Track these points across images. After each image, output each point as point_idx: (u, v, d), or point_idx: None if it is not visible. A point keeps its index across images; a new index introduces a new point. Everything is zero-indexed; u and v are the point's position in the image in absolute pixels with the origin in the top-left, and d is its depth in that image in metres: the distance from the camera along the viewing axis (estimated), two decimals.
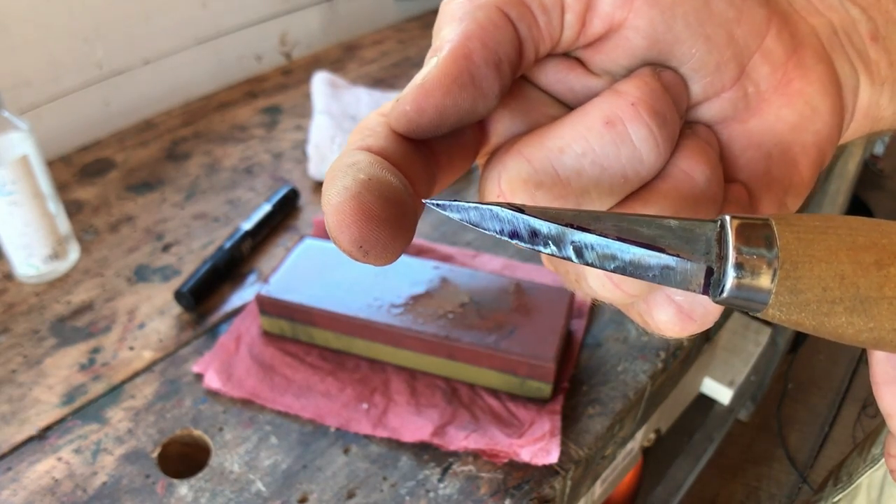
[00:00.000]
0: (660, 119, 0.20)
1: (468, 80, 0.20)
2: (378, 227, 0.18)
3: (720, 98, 0.22)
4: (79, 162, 0.76)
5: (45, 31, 0.74)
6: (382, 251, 0.18)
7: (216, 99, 0.89)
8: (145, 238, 0.66)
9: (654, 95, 0.21)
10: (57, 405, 0.50)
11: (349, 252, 0.18)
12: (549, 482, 0.45)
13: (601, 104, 0.21)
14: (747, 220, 0.18)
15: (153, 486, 0.45)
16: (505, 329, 0.49)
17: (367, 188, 0.18)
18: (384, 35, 1.07)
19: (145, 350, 0.54)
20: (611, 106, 0.20)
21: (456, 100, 0.20)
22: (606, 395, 0.51)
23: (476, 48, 0.20)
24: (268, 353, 0.53)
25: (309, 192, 0.72)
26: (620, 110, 0.20)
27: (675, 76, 0.22)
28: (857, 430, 1.55)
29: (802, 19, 0.24)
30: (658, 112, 0.20)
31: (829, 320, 0.18)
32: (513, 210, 0.18)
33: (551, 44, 0.21)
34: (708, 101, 0.23)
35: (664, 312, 0.21)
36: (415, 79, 0.20)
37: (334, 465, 0.46)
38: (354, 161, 0.19)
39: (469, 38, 0.20)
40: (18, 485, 0.45)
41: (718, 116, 0.23)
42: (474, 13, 0.20)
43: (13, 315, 0.57)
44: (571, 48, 0.22)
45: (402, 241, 0.19)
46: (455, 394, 0.50)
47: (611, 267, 0.18)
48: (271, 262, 0.63)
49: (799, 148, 0.23)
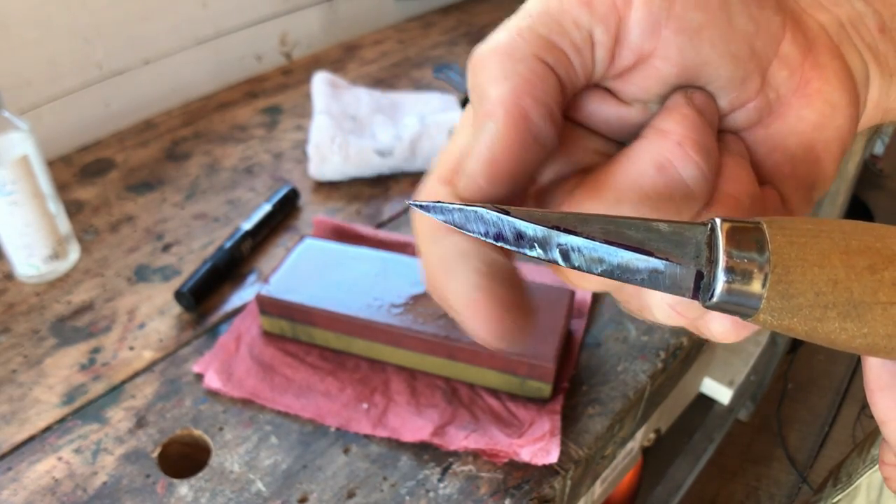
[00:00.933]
0: (705, 152, 0.21)
1: (531, 140, 0.20)
2: (516, 316, 0.19)
3: (746, 108, 0.23)
4: (79, 162, 0.76)
5: (45, 31, 0.75)
6: (520, 335, 0.19)
7: (216, 99, 0.89)
8: (145, 238, 0.66)
9: (696, 129, 0.21)
10: (57, 405, 0.50)
11: (488, 343, 0.19)
12: (549, 482, 0.45)
13: (649, 148, 0.21)
14: (738, 224, 0.18)
15: (153, 486, 0.45)
16: None
17: (493, 280, 0.19)
18: (384, 35, 1.07)
19: (145, 350, 0.54)
20: (658, 149, 0.21)
21: (524, 163, 0.20)
22: (606, 395, 0.51)
23: (530, 105, 0.20)
24: (268, 353, 0.53)
25: (309, 192, 0.72)
26: (669, 152, 0.20)
27: (707, 97, 0.22)
28: (857, 429, 1.55)
29: (811, 17, 0.24)
30: (703, 146, 0.21)
31: (821, 326, 0.18)
32: (498, 212, 0.18)
33: (585, 80, 0.22)
34: (734, 112, 0.23)
35: (720, 324, 0.21)
36: (475, 148, 0.20)
37: (334, 465, 0.46)
38: (461, 250, 0.19)
39: (520, 97, 0.20)
40: (19, 484, 0.45)
41: (743, 124, 0.23)
42: (516, 68, 0.20)
43: (13, 315, 0.57)
44: (602, 81, 0.22)
45: (531, 319, 0.19)
46: (455, 394, 0.50)
47: (598, 270, 0.18)
48: (271, 262, 0.63)
49: (822, 145, 0.23)
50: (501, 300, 0.19)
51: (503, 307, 0.19)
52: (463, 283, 0.19)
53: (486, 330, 0.19)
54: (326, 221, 0.65)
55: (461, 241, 0.20)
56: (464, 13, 1.16)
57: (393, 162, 0.73)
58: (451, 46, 1.04)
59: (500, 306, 0.19)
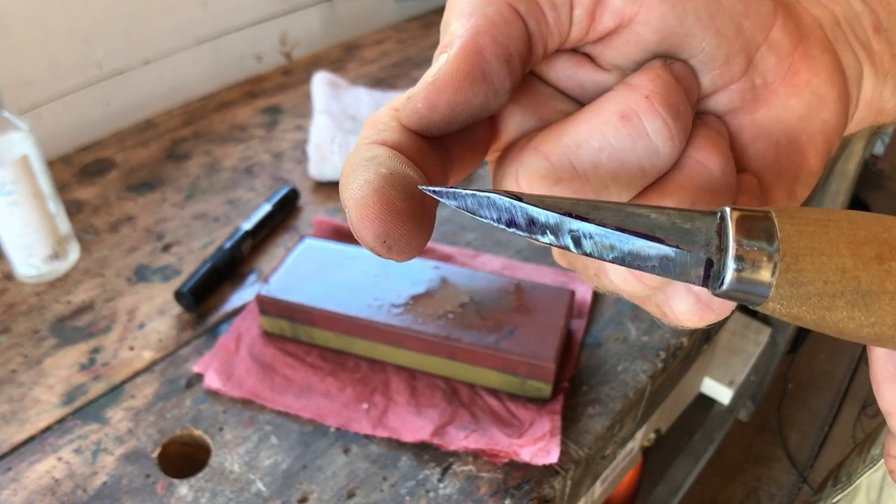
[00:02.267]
0: (673, 111, 0.20)
1: (479, 76, 0.20)
2: (402, 222, 0.18)
3: (729, 90, 0.23)
4: (79, 162, 0.76)
5: (45, 31, 0.75)
6: (406, 246, 0.18)
7: (216, 99, 0.89)
8: (145, 238, 0.66)
9: (667, 88, 0.21)
10: (57, 405, 0.50)
11: (372, 247, 0.18)
12: (549, 482, 0.45)
13: (616, 98, 0.21)
14: (748, 213, 0.18)
15: (153, 486, 0.45)
16: (505, 329, 0.49)
17: (389, 182, 0.18)
18: (384, 35, 1.07)
19: (145, 350, 0.54)
20: (625, 99, 0.20)
21: (467, 96, 0.20)
22: (606, 395, 0.51)
23: (486, 43, 0.20)
24: (268, 353, 0.53)
25: (309, 192, 0.72)
26: (635, 103, 0.20)
27: (686, 68, 0.22)
28: (857, 430, 1.55)
29: (806, 10, 0.24)
30: (672, 104, 0.20)
31: (829, 314, 0.18)
32: (510, 198, 0.18)
33: (560, 39, 0.21)
34: (717, 93, 0.23)
35: (683, 303, 0.21)
36: (425, 75, 0.20)
37: (334, 465, 0.46)
38: (373, 155, 0.19)
39: (479, 34, 0.20)
40: (19, 485, 0.45)
41: (727, 107, 0.23)
42: (484, 8, 0.20)
43: (13, 315, 0.57)
44: (581, 44, 0.22)
45: (424, 236, 0.19)
46: (455, 394, 0.50)
47: (609, 257, 0.18)
48: (271, 262, 0.63)
49: (806, 137, 0.23)
50: (390, 203, 0.18)
51: (389, 210, 0.18)
52: (359, 180, 0.18)
53: (365, 229, 0.18)
54: (326, 221, 0.65)
55: (378, 148, 0.19)
56: None
57: None
58: None
59: (387, 209, 0.18)
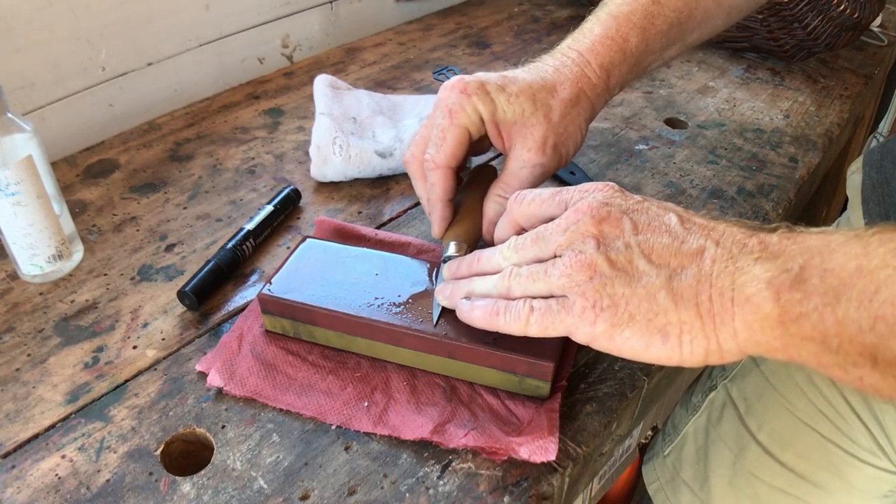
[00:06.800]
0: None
1: (452, 174, 0.55)
2: (446, 222, 0.57)
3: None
4: (83, 163, 0.77)
5: (49, 33, 0.75)
6: (443, 232, 0.57)
7: (219, 101, 0.90)
8: (149, 238, 0.66)
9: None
10: (61, 403, 0.51)
11: (433, 228, 0.57)
12: (548, 479, 0.46)
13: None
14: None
15: (156, 484, 0.45)
16: None
17: (445, 199, 0.56)
18: (384, 38, 1.08)
19: (149, 349, 0.55)
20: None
21: (448, 182, 0.55)
22: (604, 394, 0.51)
23: (453, 164, 0.54)
24: (270, 352, 0.53)
25: (310, 192, 0.73)
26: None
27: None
28: None
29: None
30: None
31: None
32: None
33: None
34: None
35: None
36: (425, 193, 0.57)
37: (335, 463, 0.47)
38: (439, 177, 0.55)
39: (448, 160, 0.54)
40: (23, 482, 0.45)
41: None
42: (452, 131, 0.53)
43: (18, 314, 0.58)
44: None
45: (452, 229, 0.57)
46: (455, 392, 0.50)
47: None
48: (273, 261, 0.64)
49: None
50: (446, 211, 0.55)
51: (446, 215, 0.55)
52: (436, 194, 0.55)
53: (436, 220, 0.55)
54: (328, 222, 0.65)
55: (439, 174, 0.54)
56: (463, 16, 1.16)
57: (393, 163, 0.73)
58: (450, 49, 1.04)
59: (446, 213, 0.55)
